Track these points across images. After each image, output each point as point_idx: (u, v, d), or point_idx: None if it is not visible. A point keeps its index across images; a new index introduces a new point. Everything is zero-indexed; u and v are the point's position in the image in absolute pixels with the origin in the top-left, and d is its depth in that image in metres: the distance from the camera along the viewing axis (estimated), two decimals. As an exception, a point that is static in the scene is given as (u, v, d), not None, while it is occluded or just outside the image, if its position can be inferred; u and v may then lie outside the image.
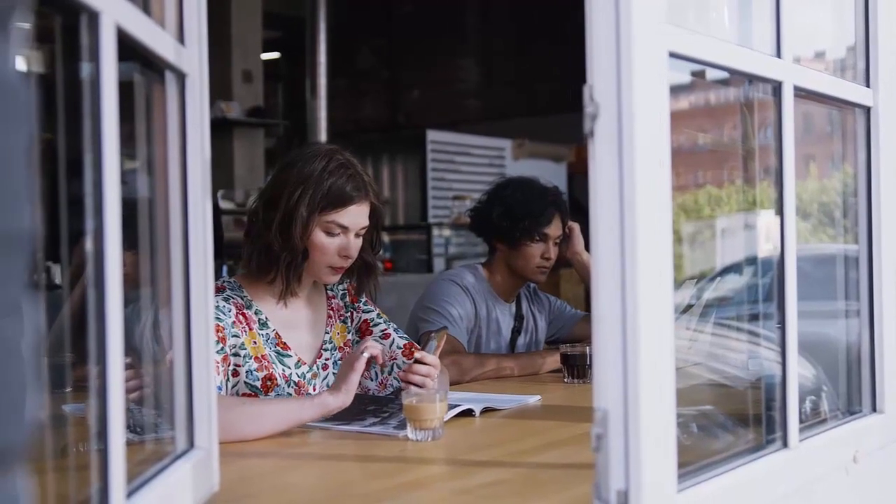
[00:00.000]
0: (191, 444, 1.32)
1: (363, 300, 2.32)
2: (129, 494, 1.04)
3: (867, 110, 1.75)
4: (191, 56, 1.31)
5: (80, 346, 1.04)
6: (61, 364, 1.67)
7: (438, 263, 7.31)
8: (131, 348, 1.09)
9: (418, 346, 2.27)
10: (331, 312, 2.27)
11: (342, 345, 2.26)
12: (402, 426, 1.85)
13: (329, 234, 2.09)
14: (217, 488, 1.38)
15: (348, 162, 2.11)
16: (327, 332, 2.24)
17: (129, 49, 1.07)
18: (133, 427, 1.27)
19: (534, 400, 2.28)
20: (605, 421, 1.11)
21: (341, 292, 2.31)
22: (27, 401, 0.54)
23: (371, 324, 2.29)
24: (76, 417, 1.56)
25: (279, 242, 2.07)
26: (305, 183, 2.05)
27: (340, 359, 2.23)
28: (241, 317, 2.08)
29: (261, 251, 2.10)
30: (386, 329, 2.29)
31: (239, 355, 2.05)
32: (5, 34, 0.53)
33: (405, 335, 2.32)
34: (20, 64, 0.55)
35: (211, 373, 1.35)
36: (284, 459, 1.71)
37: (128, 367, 0.98)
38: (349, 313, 2.30)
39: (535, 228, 2.88)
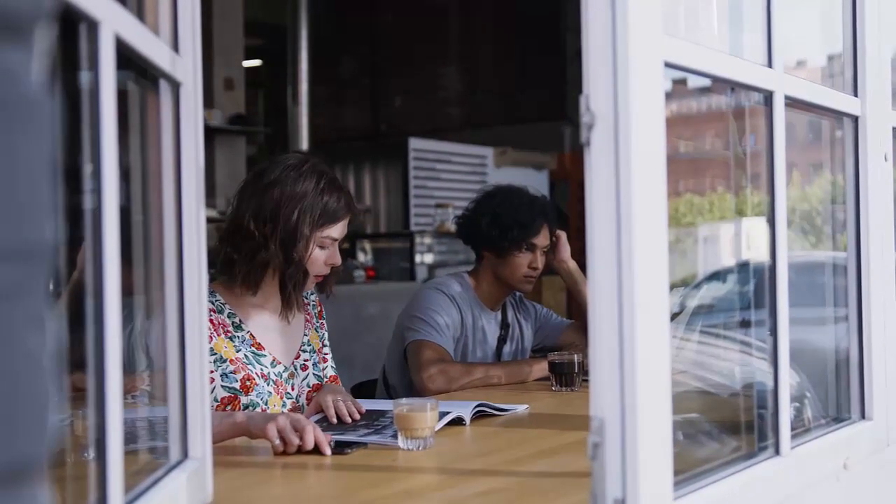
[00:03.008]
0: (185, 454, 1.31)
1: (324, 317, 2.41)
2: (127, 506, 1.03)
3: (855, 119, 1.77)
4: (185, 65, 1.30)
5: (70, 355, 1.03)
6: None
7: (421, 271, 7.30)
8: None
9: (338, 379, 2.38)
10: (307, 317, 2.34)
11: (318, 349, 2.34)
12: (397, 436, 1.85)
13: (322, 247, 2.18)
14: (211, 499, 1.37)
15: (334, 178, 2.21)
16: (306, 335, 2.31)
17: (125, 57, 1.06)
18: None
19: (522, 409, 2.28)
20: (601, 429, 1.11)
21: (312, 302, 2.38)
22: (49, 414, 0.54)
23: (323, 342, 2.39)
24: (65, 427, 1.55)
25: (281, 261, 2.13)
26: (302, 202, 2.13)
27: (318, 362, 2.31)
28: (209, 322, 2.11)
29: (258, 267, 2.14)
30: (327, 354, 2.39)
31: (209, 360, 2.07)
32: (28, 47, 0.53)
33: (335, 367, 2.40)
34: (41, 76, 0.55)
35: (205, 383, 1.35)
36: (277, 469, 1.70)
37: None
38: (318, 323, 2.39)
39: (524, 238, 2.87)
